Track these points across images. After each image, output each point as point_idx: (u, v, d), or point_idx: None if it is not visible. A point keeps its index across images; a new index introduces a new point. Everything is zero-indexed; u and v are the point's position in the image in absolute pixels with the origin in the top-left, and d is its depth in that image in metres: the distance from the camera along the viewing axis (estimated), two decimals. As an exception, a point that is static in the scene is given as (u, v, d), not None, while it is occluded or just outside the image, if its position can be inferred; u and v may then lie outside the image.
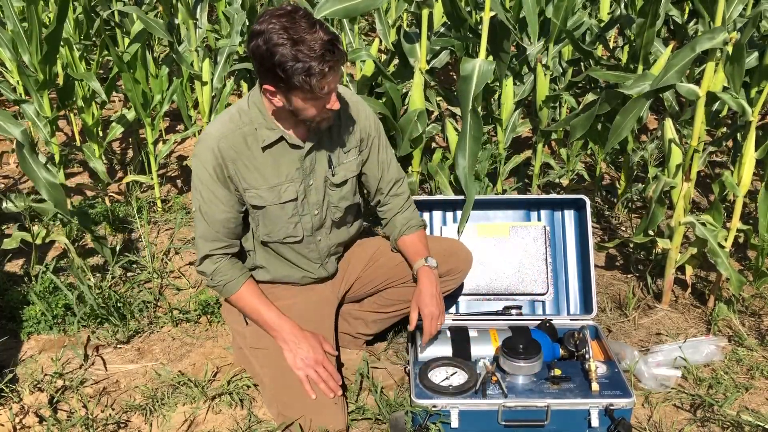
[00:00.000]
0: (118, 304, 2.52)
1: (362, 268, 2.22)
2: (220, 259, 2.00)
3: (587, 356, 2.03)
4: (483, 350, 2.17)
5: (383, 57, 3.82)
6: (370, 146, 2.10)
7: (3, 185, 3.60)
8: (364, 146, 2.09)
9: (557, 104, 3.50)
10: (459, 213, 2.49)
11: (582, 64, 3.56)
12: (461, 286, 2.39)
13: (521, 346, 2.06)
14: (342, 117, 2.02)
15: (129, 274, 2.80)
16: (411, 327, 2.10)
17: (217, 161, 1.90)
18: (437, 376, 2.05)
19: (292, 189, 1.97)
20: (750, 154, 2.34)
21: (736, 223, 2.46)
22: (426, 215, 2.48)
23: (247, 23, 3.49)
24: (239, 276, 2.02)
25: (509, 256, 2.45)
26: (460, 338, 2.19)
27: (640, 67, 2.89)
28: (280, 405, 1.97)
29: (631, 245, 2.85)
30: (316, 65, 1.68)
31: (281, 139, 1.92)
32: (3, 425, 1.95)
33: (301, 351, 1.98)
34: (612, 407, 1.94)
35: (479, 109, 2.44)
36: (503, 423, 1.96)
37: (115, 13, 3.61)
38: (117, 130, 3.28)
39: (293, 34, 1.67)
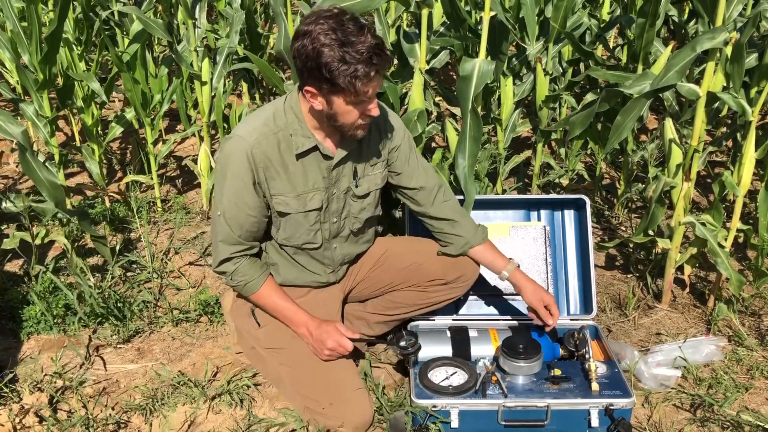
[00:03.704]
0: (118, 304, 2.52)
1: (369, 269, 2.22)
2: (240, 260, 2.00)
3: (587, 356, 2.03)
4: (483, 350, 2.17)
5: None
6: (401, 158, 2.08)
7: (3, 185, 3.60)
8: (393, 159, 2.08)
9: (557, 104, 3.49)
10: (459, 213, 2.49)
11: (582, 64, 3.56)
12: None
13: (521, 346, 2.06)
14: (373, 129, 2.00)
15: (129, 274, 2.80)
16: (548, 322, 2.09)
17: (250, 166, 1.88)
18: (437, 376, 2.04)
19: (317, 198, 1.97)
20: (750, 154, 2.34)
21: (736, 223, 2.46)
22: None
23: (246, 24, 3.50)
24: (259, 275, 2.03)
25: (509, 256, 2.44)
26: (460, 338, 2.19)
27: (640, 67, 2.89)
28: (306, 400, 1.98)
29: (631, 245, 2.85)
30: (362, 68, 1.68)
31: (315, 148, 1.91)
32: (3, 425, 1.95)
33: (320, 342, 2.00)
34: (612, 407, 1.94)
35: (479, 109, 2.44)
36: (503, 423, 1.96)
37: (115, 13, 3.60)
38: (116, 130, 3.28)
39: (341, 36, 1.67)
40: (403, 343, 2.02)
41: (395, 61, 3.02)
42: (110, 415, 2.06)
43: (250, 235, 1.99)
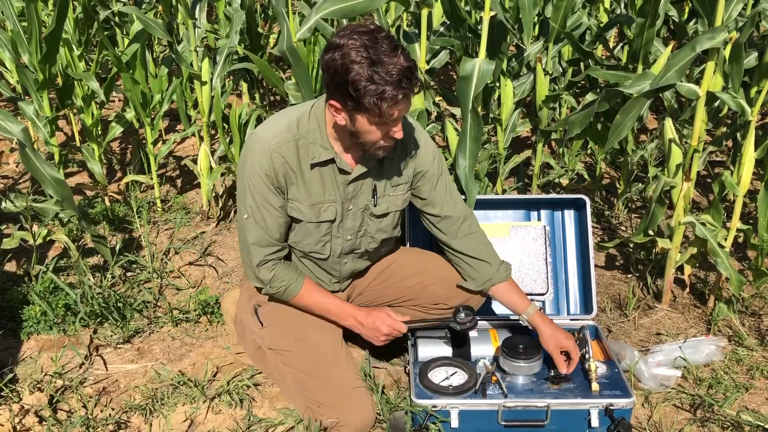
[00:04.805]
0: (118, 304, 2.52)
1: (372, 281, 2.21)
2: (275, 265, 2.00)
3: (587, 356, 2.03)
4: (483, 350, 2.17)
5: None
6: (427, 182, 2.03)
7: (3, 185, 3.60)
8: (419, 182, 2.03)
9: (557, 104, 3.50)
10: (459, 213, 2.49)
11: (582, 64, 3.56)
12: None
13: (521, 346, 2.06)
14: (399, 150, 1.97)
15: (129, 274, 2.80)
16: (563, 370, 2.00)
17: (272, 170, 1.87)
18: (437, 376, 2.05)
19: (332, 210, 1.95)
20: (749, 154, 2.34)
21: (735, 222, 2.46)
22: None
23: (246, 24, 3.50)
24: (297, 278, 2.02)
25: (509, 256, 2.44)
26: (460, 338, 2.19)
27: (640, 67, 2.89)
28: (308, 401, 1.99)
29: (631, 245, 2.85)
30: (390, 90, 1.63)
31: (332, 160, 1.89)
32: (3, 425, 1.95)
33: (372, 330, 2.02)
34: (612, 407, 1.94)
35: (479, 109, 2.44)
36: (503, 423, 1.96)
37: (115, 13, 3.60)
38: (116, 130, 3.28)
39: (372, 54, 1.63)
40: (462, 316, 2.03)
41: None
42: (110, 415, 2.06)
43: (281, 235, 1.98)
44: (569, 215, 2.51)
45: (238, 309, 2.22)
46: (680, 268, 2.64)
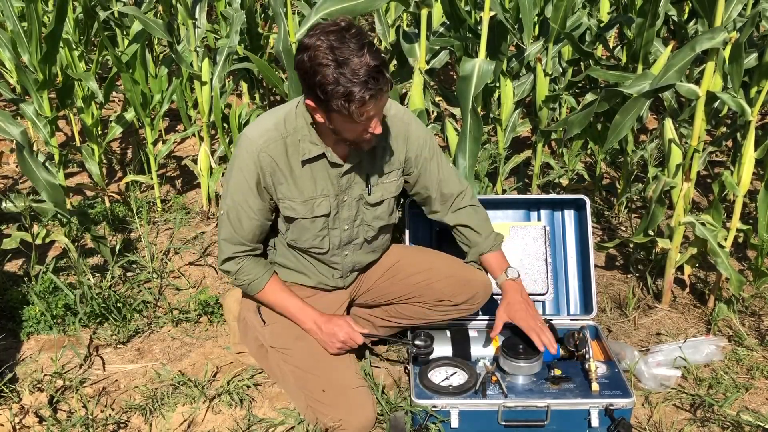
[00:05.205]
0: (118, 304, 2.52)
1: (378, 279, 2.21)
2: (243, 260, 2.01)
3: (587, 356, 2.03)
4: (483, 350, 2.17)
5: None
6: (420, 167, 2.05)
7: (3, 185, 3.60)
8: (411, 167, 2.05)
9: (557, 104, 3.49)
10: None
11: (582, 64, 3.56)
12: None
13: (521, 346, 2.06)
14: (388, 137, 1.97)
15: (129, 274, 2.80)
16: (493, 335, 2.08)
17: (257, 170, 1.87)
18: (437, 376, 2.05)
19: (325, 204, 1.95)
20: (749, 154, 2.34)
21: (735, 222, 2.46)
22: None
23: (246, 24, 3.50)
24: (263, 273, 2.03)
25: (509, 256, 2.43)
26: (460, 338, 2.19)
27: (640, 67, 2.89)
28: (309, 400, 1.99)
29: (631, 245, 2.85)
30: (357, 91, 1.62)
31: (323, 155, 1.90)
32: (3, 425, 1.95)
33: (328, 335, 2.01)
34: (612, 407, 1.94)
35: (479, 109, 2.44)
36: (503, 423, 1.96)
37: (115, 13, 3.60)
38: (116, 130, 3.28)
39: (339, 55, 1.62)
40: (419, 342, 2.06)
41: (394, 61, 3.03)
42: (110, 415, 2.06)
43: (254, 237, 1.99)
44: (569, 215, 2.51)
45: (242, 306, 2.23)
46: (680, 268, 2.64)
